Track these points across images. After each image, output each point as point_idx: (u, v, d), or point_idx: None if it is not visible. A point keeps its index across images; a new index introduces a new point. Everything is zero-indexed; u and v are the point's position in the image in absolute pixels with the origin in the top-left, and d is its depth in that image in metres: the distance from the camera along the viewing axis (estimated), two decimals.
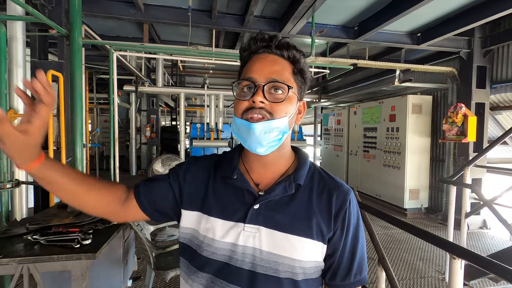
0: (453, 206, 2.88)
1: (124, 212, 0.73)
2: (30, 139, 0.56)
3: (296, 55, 0.66)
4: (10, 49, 2.56)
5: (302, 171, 0.69)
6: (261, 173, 0.71)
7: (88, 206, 0.71)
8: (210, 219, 0.67)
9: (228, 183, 0.69)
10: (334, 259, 0.67)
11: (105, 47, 4.18)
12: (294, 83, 0.66)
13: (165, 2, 3.79)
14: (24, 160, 0.59)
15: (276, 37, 0.66)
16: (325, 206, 0.67)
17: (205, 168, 0.74)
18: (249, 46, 0.67)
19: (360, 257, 0.68)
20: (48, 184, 0.65)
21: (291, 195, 0.67)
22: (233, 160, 0.72)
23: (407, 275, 3.04)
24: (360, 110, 6.40)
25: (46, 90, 0.53)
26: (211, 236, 0.66)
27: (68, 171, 0.66)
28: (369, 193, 6.06)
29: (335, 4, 3.61)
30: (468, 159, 4.30)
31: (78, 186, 0.67)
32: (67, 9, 3.00)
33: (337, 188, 0.69)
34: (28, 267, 1.41)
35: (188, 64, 8.97)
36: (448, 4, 3.58)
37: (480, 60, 4.48)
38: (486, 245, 3.92)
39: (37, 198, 3.12)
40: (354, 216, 0.68)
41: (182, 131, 6.70)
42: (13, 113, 2.46)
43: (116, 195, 0.72)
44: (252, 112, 0.62)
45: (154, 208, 0.73)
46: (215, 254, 0.66)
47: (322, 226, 0.65)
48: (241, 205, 0.67)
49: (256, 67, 0.64)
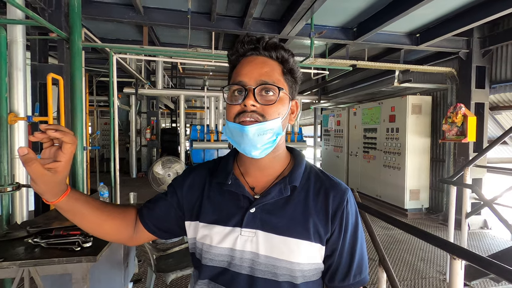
0: (453, 207, 2.88)
1: (137, 236, 0.76)
2: (59, 177, 0.57)
3: (285, 55, 0.66)
4: (10, 53, 2.57)
5: (298, 172, 0.69)
6: (256, 176, 0.70)
7: (107, 235, 0.74)
8: (207, 226, 0.68)
9: (223, 189, 0.69)
10: (333, 260, 0.66)
11: (105, 50, 4.19)
12: (285, 84, 0.66)
13: (165, 5, 3.80)
14: (53, 195, 0.61)
15: (263, 38, 0.66)
16: (321, 206, 0.66)
17: (201, 177, 0.75)
18: (237, 49, 0.67)
19: (360, 257, 0.67)
20: (73, 215, 0.67)
21: (287, 197, 0.66)
22: (227, 165, 0.72)
23: (408, 275, 3.03)
24: (360, 111, 6.40)
25: (61, 132, 0.54)
26: (208, 242, 0.67)
27: (90, 200, 0.68)
28: (369, 194, 6.05)
29: (334, 6, 3.62)
30: (468, 159, 4.30)
31: (99, 215, 0.69)
32: (67, 12, 3.01)
33: (334, 188, 0.67)
34: (29, 270, 1.41)
35: (187, 66, 8.99)
36: (446, 4, 3.59)
37: (479, 60, 4.49)
38: (487, 245, 3.91)
39: (37, 201, 3.12)
40: (352, 216, 0.67)
41: (182, 133, 6.71)
42: (14, 116, 2.46)
43: (129, 220, 0.75)
44: (244, 116, 0.62)
45: (160, 228, 0.75)
46: (213, 260, 0.66)
47: (319, 227, 0.64)
48: (237, 210, 0.67)
49: (245, 70, 0.64)
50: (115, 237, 0.75)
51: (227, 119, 0.66)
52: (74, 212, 0.66)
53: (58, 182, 0.59)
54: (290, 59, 0.67)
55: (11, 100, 2.50)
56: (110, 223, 0.71)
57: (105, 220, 0.70)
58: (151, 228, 0.74)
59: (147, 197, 3.43)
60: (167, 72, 8.91)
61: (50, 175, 0.55)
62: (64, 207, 0.64)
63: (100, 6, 3.67)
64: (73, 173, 2.96)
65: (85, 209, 0.66)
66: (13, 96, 2.54)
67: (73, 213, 0.66)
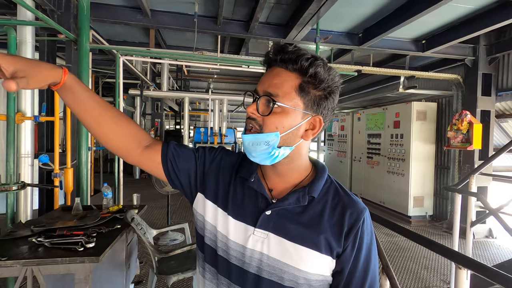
0: (458, 215, 2.84)
1: (141, 157, 0.73)
2: (31, 77, 0.55)
3: (306, 65, 0.61)
4: (20, 53, 2.61)
5: (318, 184, 0.68)
6: (275, 181, 0.71)
7: (108, 136, 0.70)
8: (225, 216, 0.69)
9: (245, 184, 0.71)
10: (343, 276, 0.65)
11: (112, 52, 4.24)
12: (297, 97, 0.62)
13: (172, 8, 3.84)
14: (48, 76, 0.59)
15: (284, 50, 0.63)
16: (337, 221, 0.65)
17: (231, 165, 0.75)
18: (264, 61, 0.68)
19: (372, 278, 0.66)
20: (76, 102, 0.65)
21: (304, 206, 0.67)
22: (252, 163, 0.72)
23: (411, 284, 2.99)
24: (364, 116, 6.38)
25: None
26: (225, 233, 0.68)
27: (93, 93, 0.68)
28: (373, 200, 6.01)
29: (340, 11, 3.63)
30: (474, 167, 4.25)
31: (103, 111, 0.68)
32: (75, 14, 3.06)
33: (352, 206, 0.67)
34: (32, 270, 1.42)
35: (193, 69, 9.05)
36: (453, 12, 3.58)
37: (485, 68, 4.46)
38: (492, 255, 3.85)
39: (41, 200, 3.14)
40: (367, 236, 0.66)
41: (186, 135, 6.74)
42: (21, 116, 2.49)
43: (139, 136, 0.73)
44: (248, 122, 0.65)
45: (174, 173, 0.74)
46: (227, 253, 0.68)
47: (331, 241, 0.64)
48: (254, 209, 0.68)
49: (262, 79, 0.66)
50: (117, 143, 0.72)
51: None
52: (77, 97, 0.65)
53: (38, 76, 0.56)
54: (310, 69, 0.61)
55: (18, 100, 2.53)
56: (114, 125, 0.69)
57: (110, 118, 0.68)
58: (167, 166, 0.73)
59: (150, 198, 3.48)
60: (172, 74, 8.97)
61: (25, 80, 0.54)
62: (70, 84, 0.63)
63: (109, 9, 3.72)
64: (77, 173, 2.98)
65: (86, 97, 0.65)
66: (21, 96, 2.57)
67: (76, 98, 0.65)
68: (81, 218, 2.00)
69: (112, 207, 2.27)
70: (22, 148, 2.57)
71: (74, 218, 2.01)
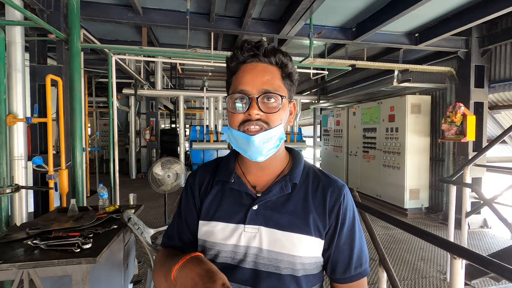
0: (453, 206, 2.87)
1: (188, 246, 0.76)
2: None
3: (284, 60, 0.67)
4: (9, 54, 2.57)
5: (297, 170, 0.72)
6: (257, 175, 0.73)
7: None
8: (211, 224, 0.70)
9: (226, 187, 0.72)
10: (330, 252, 0.68)
11: (104, 51, 4.19)
12: (285, 88, 0.68)
13: (163, 6, 3.80)
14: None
15: (263, 44, 0.66)
16: (320, 202, 0.69)
17: (206, 175, 0.77)
18: (237, 56, 0.67)
19: (359, 250, 0.69)
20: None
21: (288, 194, 0.69)
22: (229, 164, 0.75)
23: (408, 275, 3.03)
24: (359, 111, 6.41)
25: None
26: (212, 240, 0.69)
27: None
28: (369, 194, 6.05)
29: (333, 6, 3.62)
30: (468, 158, 4.30)
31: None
32: (65, 13, 3.01)
33: (331, 185, 0.70)
34: (28, 272, 1.41)
35: (187, 67, 8.99)
36: (445, 4, 3.59)
37: (478, 60, 4.49)
38: (487, 244, 3.91)
39: (37, 202, 3.11)
40: (349, 211, 0.70)
41: (182, 133, 6.71)
42: (13, 117, 2.46)
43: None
44: (249, 124, 0.64)
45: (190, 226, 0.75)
46: (218, 256, 0.68)
47: (318, 222, 0.67)
48: (240, 207, 0.69)
49: (247, 78, 0.64)
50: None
51: (231, 127, 0.67)
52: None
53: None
54: (289, 63, 0.68)
55: (10, 101, 2.50)
56: None
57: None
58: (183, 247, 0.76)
59: (147, 198, 3.48)
60: (166, 73, 8.90)
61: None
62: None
63: (99, 7, 3.66)
64: (72, 174, 2.95)
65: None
66: (12, 98, 2.54)
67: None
68: (77, 220, 1.99)
69: (109, 207, 2.26)
70: (15, 150, 2.54)
71: (70, 219, 2.00)
